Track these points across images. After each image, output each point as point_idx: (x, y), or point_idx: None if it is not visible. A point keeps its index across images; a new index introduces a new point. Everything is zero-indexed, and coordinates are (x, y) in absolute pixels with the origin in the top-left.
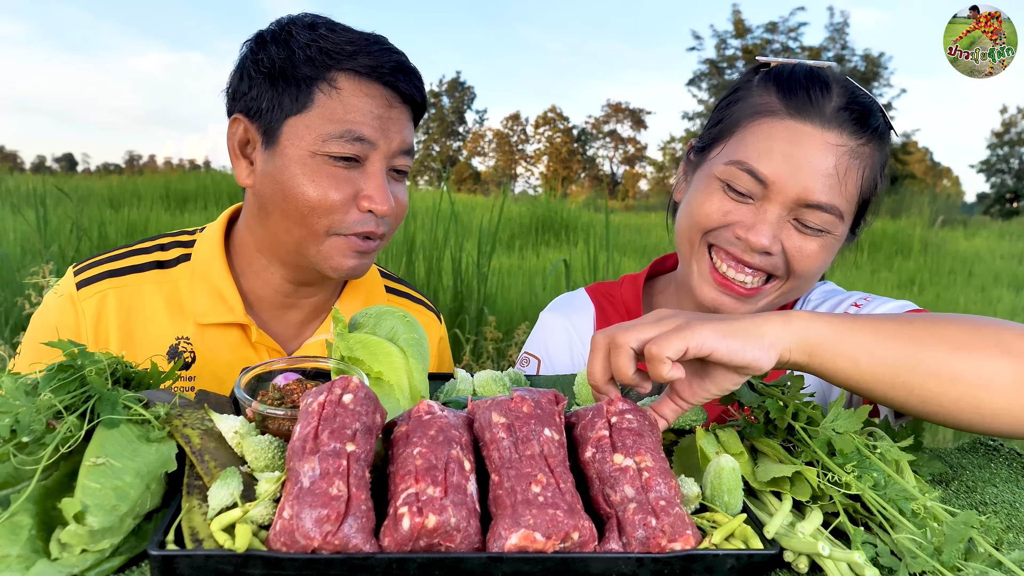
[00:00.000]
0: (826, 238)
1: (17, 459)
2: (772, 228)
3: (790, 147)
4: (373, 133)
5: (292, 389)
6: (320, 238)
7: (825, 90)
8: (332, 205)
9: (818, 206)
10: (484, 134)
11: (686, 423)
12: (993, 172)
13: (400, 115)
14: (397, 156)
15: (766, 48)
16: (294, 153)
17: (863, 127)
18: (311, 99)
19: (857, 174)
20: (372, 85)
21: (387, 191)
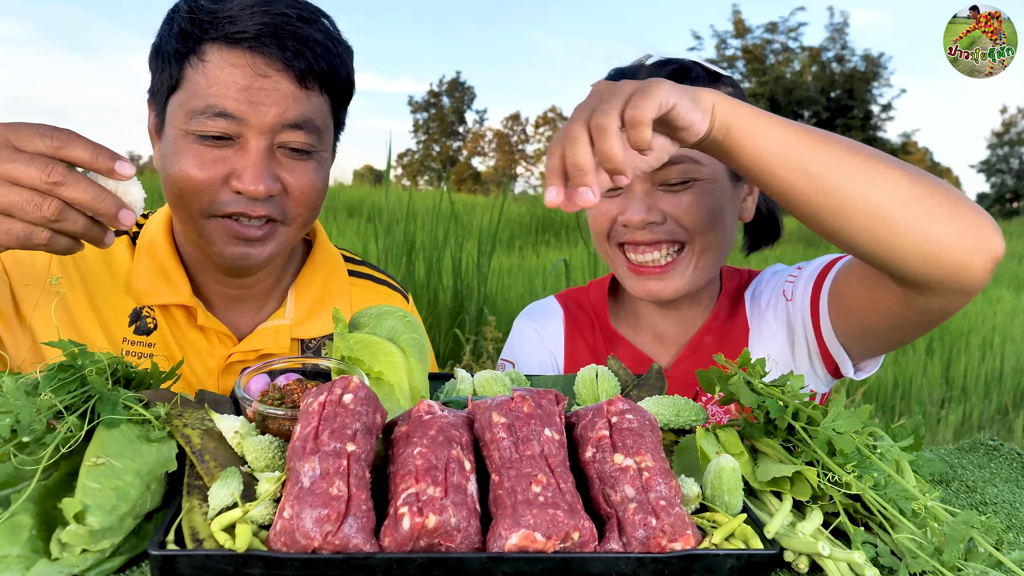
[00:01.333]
0: (695, 186)
1: (17, 459)
2: (642, 201)
3: None
4: (238, 106)
5: (292, 389)
6: (196, 221)
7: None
8: (196, 185)
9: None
10: (484, 134)
11: (686, 423)
12: (993, 172)
13: (277, 85)
14: (282, 131)
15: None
16: (171, 133)
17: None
18: (182, 75)
19: None
20: (237, 53)
21: (263, 170)
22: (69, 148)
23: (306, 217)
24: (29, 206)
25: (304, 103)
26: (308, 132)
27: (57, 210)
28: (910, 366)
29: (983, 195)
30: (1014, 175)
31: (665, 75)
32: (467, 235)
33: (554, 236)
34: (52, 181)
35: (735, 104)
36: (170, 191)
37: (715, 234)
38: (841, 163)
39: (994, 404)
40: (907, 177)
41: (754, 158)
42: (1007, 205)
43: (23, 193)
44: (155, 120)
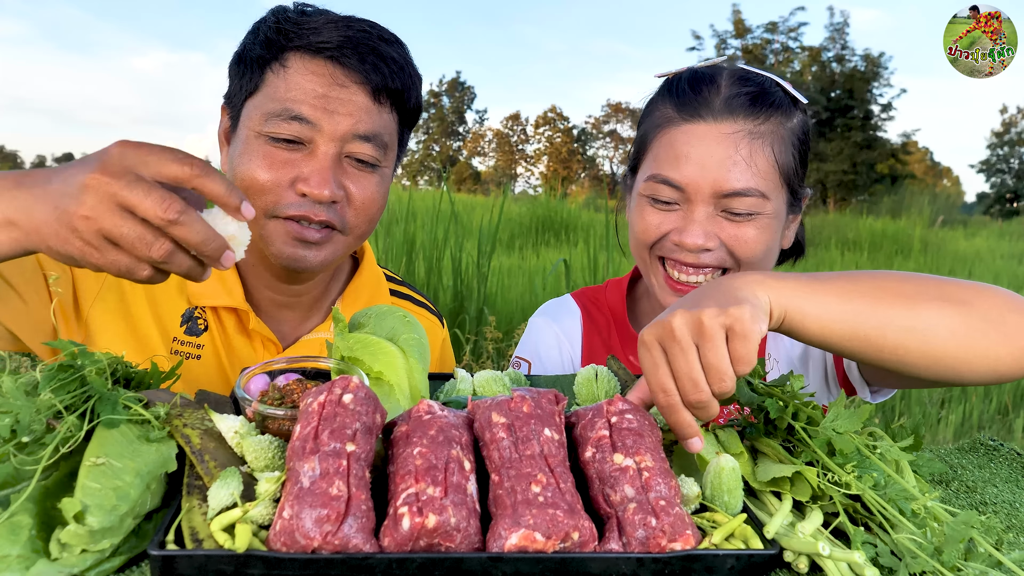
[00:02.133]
0: (758, 219)
1: (17, 459)
2: (702, 226)
3: (691, 148)
4: (313, 112)
5: (292, 389)
6: (259, 219)
7: (711, 85)
8: (263, 185)
9: (735, 193)
10: (484, 134)
11: None
12: (993, 172)
13: (352, 96)
14: (352, 141)
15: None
16: (244, 134)
17: (756, 107)
18: (263, 79)
19: (765, 152)
20: (318, 63)
21: (330, 176)
22: (206, 179)
23: (363, 229)
24: (140, 243)
25: (376, 117)
26: (376, 145)
27: (167, 252)
28: None
29: (983, 195)
30: (1014, 175)
31: (751, 95)
32: (467, 235)
33: (554, 236)
34: (168, 218)
35: (784, 288)
36: None
37: (762, 265)
38: (893, 321)
39: (994, 404)
40: (957, 311)
41: (812, 337)
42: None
43: (136, 227)
44: (228, 124)
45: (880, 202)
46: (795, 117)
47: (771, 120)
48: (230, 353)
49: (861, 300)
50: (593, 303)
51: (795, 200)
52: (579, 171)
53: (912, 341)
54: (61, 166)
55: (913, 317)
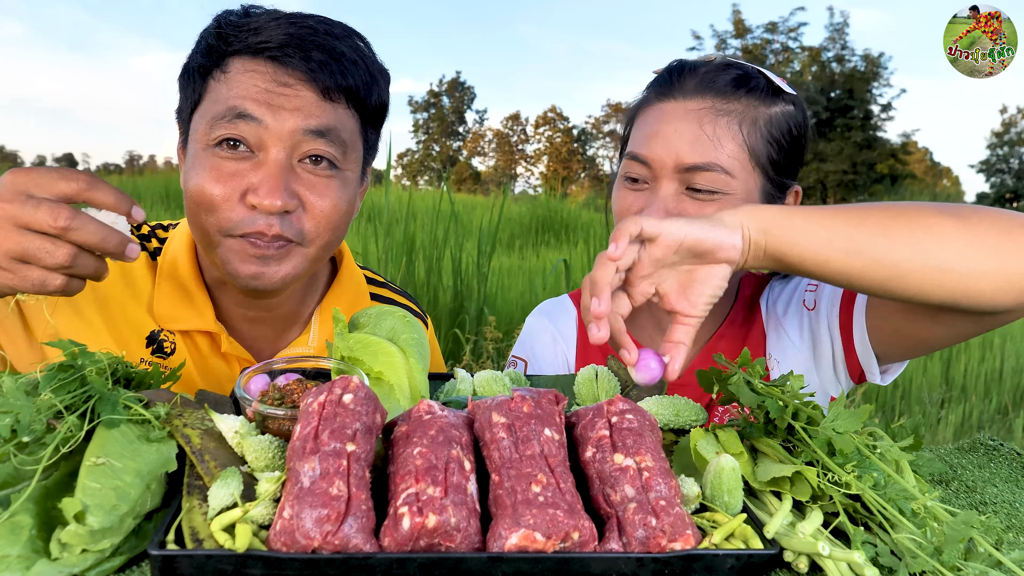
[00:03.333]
0: (723, 199)
1: (17, 459)
2: (664, 203)
3: (660, 125)
4: (258, 108)
5: (292, 389)
6: (214, 239)
7: (691, 71)
8: (212, 200)
9: (695, 167)
10: (484, 134)
11: (686, 423)
12: (993, 172)
13: (299, 92)
14: (304, 140)
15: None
16: (193, 149)
17: (727, 88)
18: (205, 88)
19: (730, 129)
20: (260, 62)
21: (279, 183)
22: (94, 191)
23: (326, 239)
24: (43, 253)
25: (328, 113)
26: (331, 142)
27: (69, 256)
28: (910, 366)
29: (983, 195)
30: (1014, 175)
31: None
32: (467, 235)
33: (554, 236)
34: (61, 226)
35: (763, 212)
36: (188, 207)
37: None
38: (886, 232)
39: (994, 404)
40: (954, 220)
41: (803, 256)
42: (1007, 205)
43: (35, 240)
44: (180, 139)
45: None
46: (775, 106)
47: (742, 101)
48: (205, 375)
49: (850, 216)
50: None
51: (777, 192)
52: (579, 171)
53: (906, 251)
54: None
55: (908, 229)
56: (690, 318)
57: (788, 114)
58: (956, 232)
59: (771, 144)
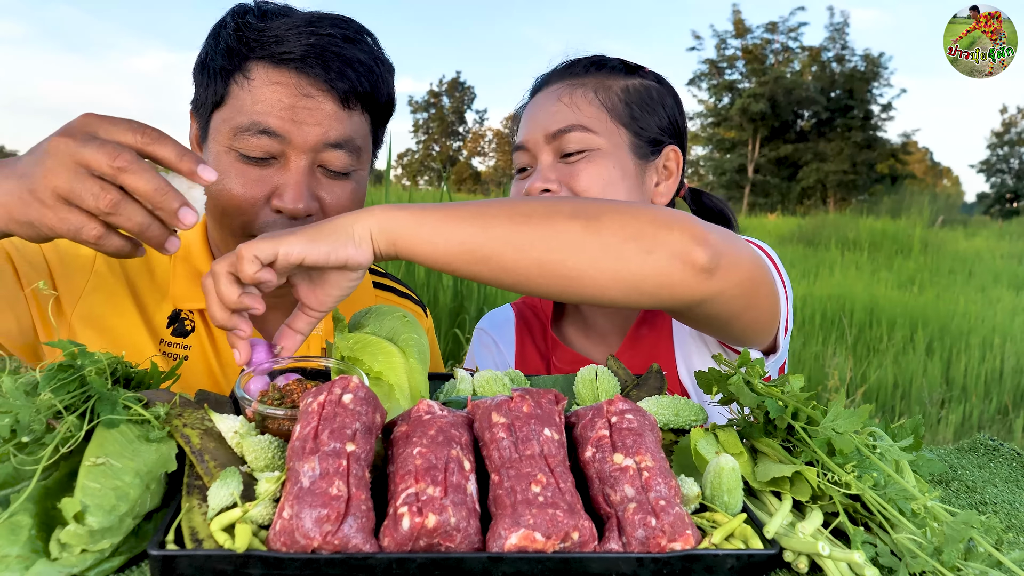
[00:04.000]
0: (589, 155)
1: (17, 459)
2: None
3: (529, 113)
4: (282, 125)
5: (292, 389)
6: (236, 235)
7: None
8: (239, 205)
9: (559, 131)
10: (484, 134)
11: (686, 423)
12: (993, 172)
13: (321, 105)
14: (323, 151)
15: (766, 48)
16: (214, 149)
17: (582, 68)
18: (227, 92)
19: (586, 95)
20: (283, 72)
21: (303, 189)
22: (156, 145)
23: None
24: (87, 194)
25: (346, 123)
26: (348, 152)
27: (113, 201)
28: (910, 366)
29: (983, 195)
30: (1014, 175)
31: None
32: None
33: None
34: (117, 166)
35: (394, 217)
36: (213, 206)
37: None
38: (511, 239)
39: (994, 404)
40: (582, 226)
41: (432, 261)
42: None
43: (86, 180)
44: (198, 131)
45: (880, 202)
46: (630, 79)
47: (595, 76)
48: (218, 354)
49: (481, 222)
50: (529, 308)
51: (649, 146)
52: None
53: (532, 257)
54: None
55: (534, 235)
56: (316, 312)
57: (645, 84)
58: (583, 238)
59: (630, 106)
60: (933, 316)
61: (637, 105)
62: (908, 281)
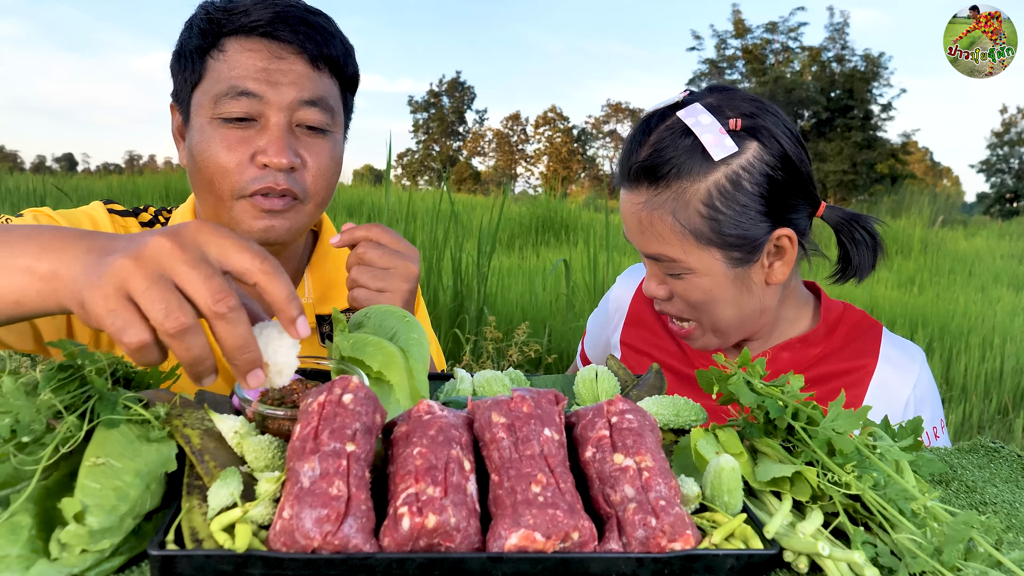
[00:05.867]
0: (687, 278)
1: (17, 459)
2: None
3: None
4: (258, 86)
5: (292, 389)
6: (227, 203)
7: (635, 148)
8: (226, 167)
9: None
10: (484, 134)
11: (686, 423)
12: (993, 172)
13: (293, 66)
14: (300, 109)
15: (766, 48)
16: (198, 123)
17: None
18: (204, 68)
19: (666, 220)
20: (254, 40)
21: (284, 144)
22: (272, 279)
23: (323, 195)
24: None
25: (317, 83)
26: (323, 109)
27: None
28: None
29: (983, 195)
30: (1014, 175)
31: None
32: (467, 235)
33: (554, 236)
34: (216, 310)
35: None
36: (201, 177)
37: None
38: None
39: (994, 404)
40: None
41: None
42: (1007, 205)
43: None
44: (180, 120)
45: (880, 202)
46: (713, 176)
47: (674, 183)
48: None
49: None
50: None
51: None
52: (579, 171)
53: None
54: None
55: None
56: None
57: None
58: None
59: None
60: (933, 316)
61: (723, 214)
62: (908, 281)
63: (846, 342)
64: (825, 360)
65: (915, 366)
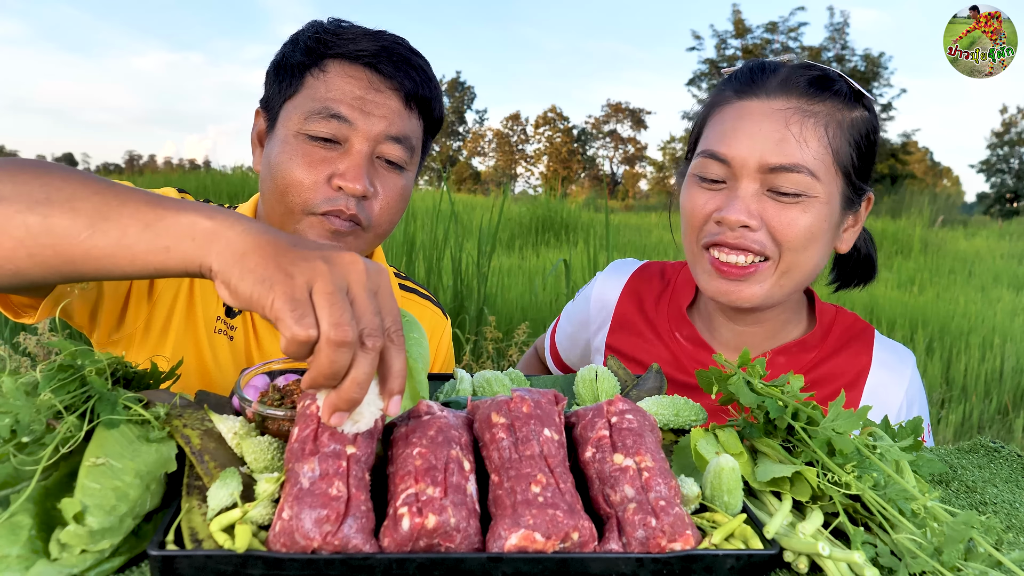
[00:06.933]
0: (805, 202)
1: (17, 459)
2: (745, 202)
3: (740, 123)
4: (351, 112)
5: (292, 389)
6: (296, 216)
7: (772, 70)
8: (301, 182)
9: (781, 167)
10: (484, 134)
11: (686, 423)
12: (993, 172)
13: (387, 100)
14: (384, 142)
15: (766, 48)
16: (282, 134)
17: (813, 88)
18: (302, 83)
19: (817, 131)
20: (355, 68)
21: (363, 172)
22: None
23: (385, 227)
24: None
25: (407, 121)
26: (405, 148)
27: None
28: None
29: (983, 195)
30: (1014, 175)
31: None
32: (467, 235)
33: (554, 236)
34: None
35: None
36: (275, 186)
37: (805, 256)
38: None
39: (994, 404)
40: None
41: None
42: (1007, 205)
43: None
44: (263, 127)
45: (880, 202)
46: (856, 111)
47: (827, 102)
48: (259, 341)
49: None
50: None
51: (855, 196)
52: (579, 171)
53: None
54: None
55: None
56: None
57: (867, 119)
58: None
59: (852, 148)
60: (933, 316)
61: (858, 148)
62: (908, 281)
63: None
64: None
65: (907, 369)
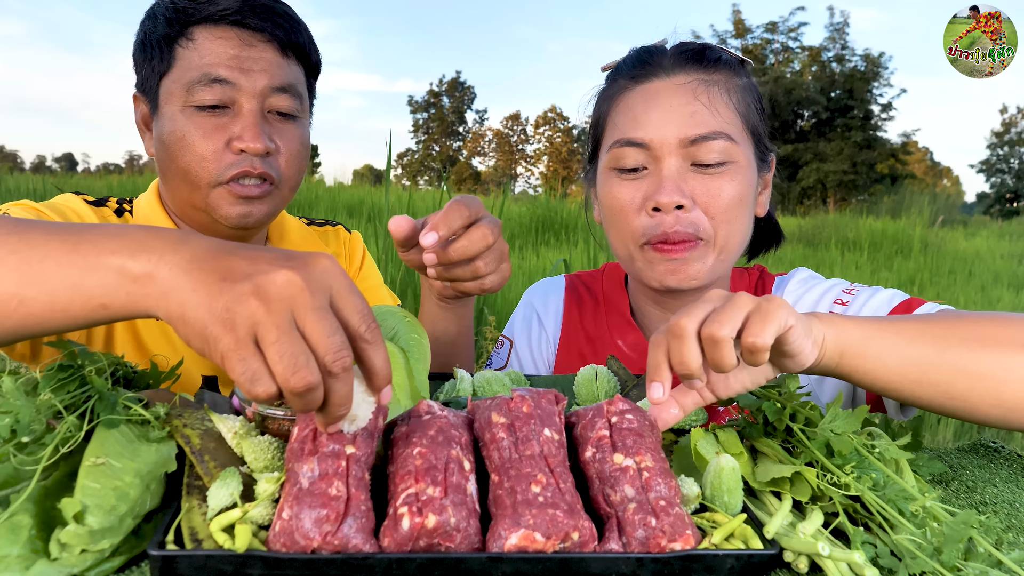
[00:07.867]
0: (729, 169)
1: (17, 459)
2: (674, 181)
3: (649, 103)
4: (231, 73)
5: None
6: (204, 191)
7: (659, 50)
8: (202, 155)
9: (701, 137)
10: (484, 134)
11: (686, 423)
12: (993, 172)
13: (263, 53)
14: (271, 96)
15: (766, 48)
16: (169, 111)
17: (704, 60)
18: (173, 57)
19: (722, 97)
20: (223, 29)
21: (259, 129)
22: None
23: (295, 180)
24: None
25: (286, 70)
26: (292, 96)
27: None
28: None
29: (983, 195)
30: (1014, 175)
31: (690, 51)
32: None
33: (554, 236)
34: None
35: (844, 329)
36: (175, 166)
37: (737, 225)
38: (966, 367)
39: None
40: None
41: (873, 381)
42: (1007, 205)
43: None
44: (146, 110)
45: (880, 202)
46: (743, 76)
47: (721, 72)
48: None
49: (928, 343)
50: (582, 282)
51: (764, 157)
52: (579, 171)
53: (984, 389)
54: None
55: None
56: (712, 396)
57: (753, 85)
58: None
59: (755, 110)
60: None
61: (756, 109)
62: (908, 281)
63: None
64: None
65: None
